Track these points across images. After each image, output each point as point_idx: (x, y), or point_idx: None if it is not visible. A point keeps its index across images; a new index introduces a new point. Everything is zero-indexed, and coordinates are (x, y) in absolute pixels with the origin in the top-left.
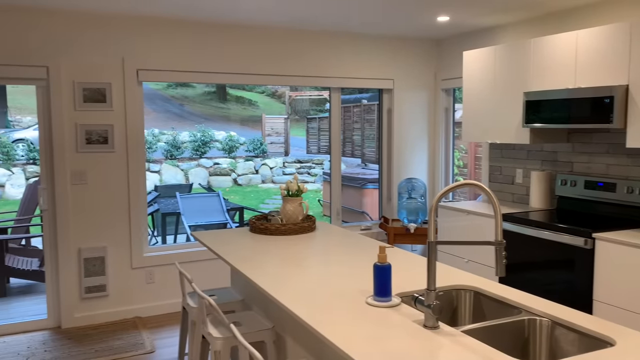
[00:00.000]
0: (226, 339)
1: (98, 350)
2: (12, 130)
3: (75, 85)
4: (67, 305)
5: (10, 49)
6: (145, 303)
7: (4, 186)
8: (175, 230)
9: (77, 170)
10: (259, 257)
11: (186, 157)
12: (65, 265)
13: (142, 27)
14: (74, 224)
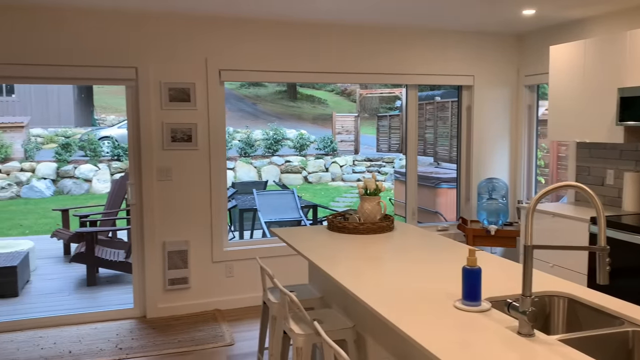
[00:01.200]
0: (308, 335)
1: (181, 341)
2: (98, 128)
3: (162, 86)
4: (152, 296)
5: (102, 51)
6: (224, 296)
7: (91, 181)
8: (251, 226)
9: (162, 167)
10: (339, 255)
11: (259, 154)
12: (150, 258)
13: (224, 28)
14: (159, 218)
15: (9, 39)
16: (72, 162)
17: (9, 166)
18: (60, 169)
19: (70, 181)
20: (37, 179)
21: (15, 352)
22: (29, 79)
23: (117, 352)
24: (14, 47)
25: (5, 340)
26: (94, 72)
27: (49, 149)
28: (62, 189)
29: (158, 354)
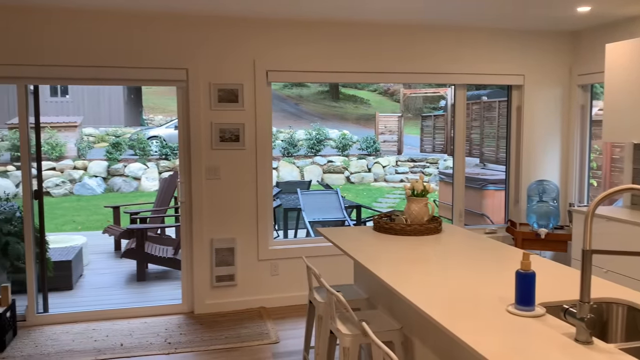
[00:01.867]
0: (355, 336)
1: (227, 337)
2: (147, 128)
3: (211, 87)
4: (200, 292)
5: (155, 53)
6: (269, 294)
7: (140, 179)
8: (295, 225)
9: (211, 166)
10: (386, 256)
11: (302, 154)
12: (199, 255)
13: (271, 30)
14: (207, 216)
15: (64, 42)
16: (122, 160)
17: (63, 164)
18: (111, 167)
19: (120, 179)
20: (89, 177)
21: (71, 343)
22: (85, 80)
23: (167, 347)
24: (69, 49)
25: (61, 331)
26: (146, 74)
27: (100, 147)
28: (112, 186)
29: (205, 349)
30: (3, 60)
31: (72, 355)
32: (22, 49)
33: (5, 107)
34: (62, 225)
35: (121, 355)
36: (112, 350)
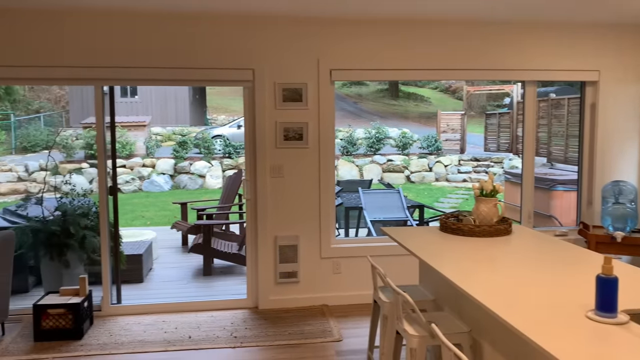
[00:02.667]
0: (422, 337)
1: (291, 334)
2: (211, 127)
3: (276, 86)
4: (264, 288)
5: (222, 54)
6: (332, 292)
7: (205, 177)
8: (357, 224)
9: (275, 165)
10: (454, 257)
11: (361, 153)
12: (263, 251)
13: (335, 28)
14: (272, 214)
15: (137, 44)
16: (188, 158)
17: (133, 162)
18: (177, 165)
19: (186, 176)
20: (157, 174)
21: (142, 333)
22: (156, 81)
23: (233, 340)
24: (141, 52)
25: (134, 322)
26: (214, 75)
27: (167, 146)
28: (178, 183)
29: (270, 344)
30: (81, 62)
31: (143, 345)
32: (98, 51)
33: (79, 108)
34: (132, 220)
35: (190, 347)
36: (181, 342)
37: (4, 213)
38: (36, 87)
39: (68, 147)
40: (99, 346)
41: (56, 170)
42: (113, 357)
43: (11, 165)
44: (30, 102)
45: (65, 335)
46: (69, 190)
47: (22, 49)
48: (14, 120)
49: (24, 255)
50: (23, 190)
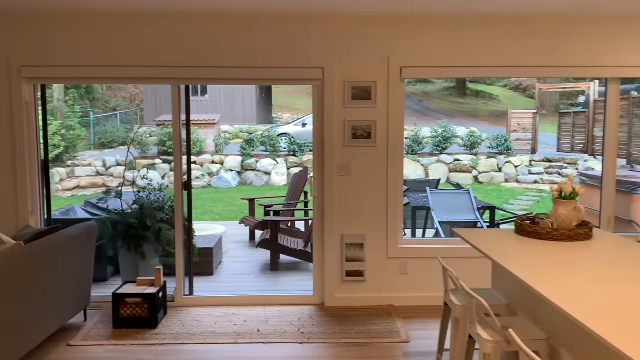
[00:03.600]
0: (497, 342)
1: (357, 332)
2: (276, 126)
3: (345, 85)
4: (330, 286)
5: (292, 53)
6: (398, 293)
7: (270, 174)
8: (424, 224)
9: (343, 163)
10: (531, 261)
11: (427, 152)
12: (330, 249)
13: (405, 26)
14: (339, 212)
15: (210, 44)
16: (255, 156)
17: (203, 158)
18: (244, 162)
19: (252, 173)
20: (225, 171)
21: (213, 325)
22: (229, 80)
23: (300, 336)
24: (214, 52)
25: (205, 313)
26: (285, 73)
27: (235, 144)
28: (245, 180)
29: (337, 342)
30: (160, 62)
31: (214, 336)
32: (175, 52)
33: (153, 107)
34: (201, 215)
35: (258, 341)
36: (250, 335)
37: (86, 205)
38: (113, 86)
39: (142, 143)
40: (172, 335)
41: (132, 166)
42: (186, 346)
43: (90, 160)
44: (108, 101)
45: (141, 323)
46: (146, 185)
47: (103, 50)
48: (93, 117)
49: (103, 246)
50: (101, 184)
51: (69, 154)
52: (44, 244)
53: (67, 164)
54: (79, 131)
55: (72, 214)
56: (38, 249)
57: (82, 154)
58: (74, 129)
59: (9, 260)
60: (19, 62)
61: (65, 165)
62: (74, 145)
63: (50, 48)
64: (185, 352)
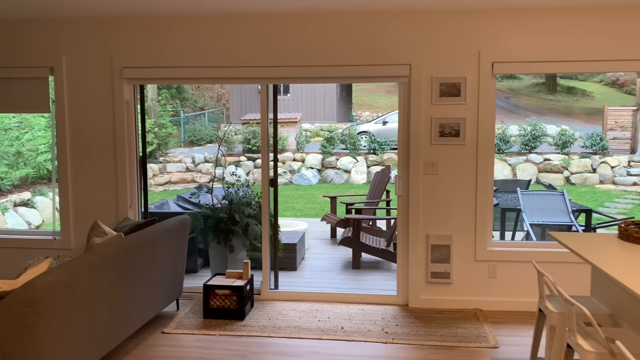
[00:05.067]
0: (600, 354)
1: (443, 335)
2: (357, 124)
3: (433, 81)
4: (415, 287)
5: (379, 50)
6: (486, 296)
7: (350, 172)
8: (514, 226)
9: (429, 161)
10: (638, 269)
11: (514, 151)
12: (414, 249)
13: (495, 19)
14: (424, 211)
15: (298, 44)
16: (335, 154)
17: (285, 156)
18: (325, 160)
19: (332, 171)
20: (306, 168)
21: (298, 320)
22: (315, 79)
23: (384, 336)
24: (302, 51)
25: (289, 308)
26: (370, 71)
27: (316, 142)
28: (325, 178)
29: (422, 343)
30: (250, 62)
31: (299, 331)
32: (264, 52)
33: (238, 106)
34: (283, 211)
35: (342, 338)
36: (334, 332)
37: (178, 200)
38: (202, 86)
39: (229, 141)
40: (259, 328)
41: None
42: (272, 339)
43: (180, 157)
44: (197, 100)
45: (230, 315)
46: (235, 181)
47: (197, 51)
48: (183, 116)
49: (194, 238)
50: (190, 180)
51: (161, 151)
52: (142, 235)
53: (160, 160)
54: (170, 129)
55: (165, 208)
56: (137, 240)
57: (173, 151)
58: (166, 127)
59: (111, 249)
60: (120, 63)
61: (158, 162)
62: (165, 142)
63: (148, 50)
64: (272, 344)
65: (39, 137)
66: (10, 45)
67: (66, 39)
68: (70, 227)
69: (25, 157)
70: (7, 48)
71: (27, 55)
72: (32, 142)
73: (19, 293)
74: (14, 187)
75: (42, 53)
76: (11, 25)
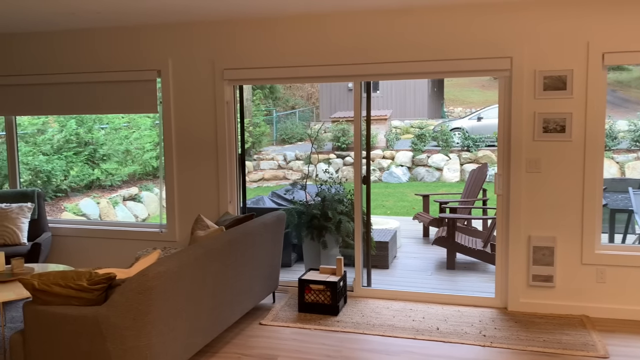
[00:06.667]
0: None
1: (546, 341)
2: (449, 120)
3: (536, 74)
4: (514, 289)
5: (477, 44)
6: (594, 303)
7: (442, 170)
8: (625, 229)
9: (532, 159)
10: None
11: (623, 148)
12: (514, 250)
13: (606, 7)
14: (525, 211)
15: (394, 39)
16: (426, 151)
17: (374, 154)
18: (415, 157)
19: (423, 169)
20: (396, 166)
21: (392, 318)
22: (410, 75)
23: (482, 339)
24: (398, 46)
25: (382, 306)
26: (468, 65)
27: (406, 139)
28: (415, 175)
29: (522, 349)
30: (343, 60)
31: (393, 330)
32: (356, 49)
33: (327, 104)
34: (373, 209)
35: (438, 339)
36: (429, 333)
37: (272, 196)
38: (292, 85)
39: (319, 139)
40: (352, 324)
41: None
42: (366, 336)
43: (273, 155)
44: (288, 99)
45: (324, 310)
46: (327, 179)
47: (292, 51)
48: (275, 115)
49: (288, 234)
50: (282, 177)
51: (255, 149)
52: (243, 229)
53: (254, 157)
54: (263, 128)
55: (261, 204)
56: (238, 234)
57: (265, 149)
58: (260, 126)
59: (214, 242)
60: (221, 65)
61: (252, 159)
62: (259, 140)
63: (247, 52)
64: (366, 341)
65: (145, 136)
66: (122, 50)
67: (172, 43)
68: (175, 221)
69: (133, 154)
70: (119, 53)
71: (137, 59)
72: (139, 140)
73: (133, 281)
74: (123, 182)
75: (151, 56)
76: (123, 31)
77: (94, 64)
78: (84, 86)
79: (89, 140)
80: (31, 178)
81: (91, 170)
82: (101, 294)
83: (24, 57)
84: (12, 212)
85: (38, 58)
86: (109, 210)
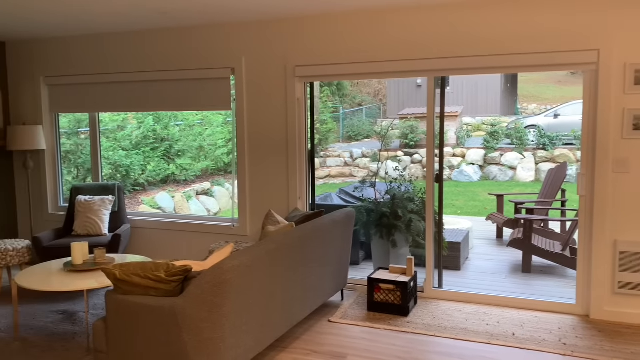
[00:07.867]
0: None
1: (634, 353)
2: (524, 117)
3: (627, 68)
4: (597, 297)
5: (557, 36)
6: None
7: (516, 169)
8: None
9: (620, 158)
10: None
11: None
12: (598, 255)
13: None
14: (611, 214)
15: (463, 34)
16: (499, 149)
17: (444, 151)
18: (487, 155)
19: (495, 168)
20: (467, 164)
21: (464, 322)
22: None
23: (562, 347)
24: (468, 41)
25: (454, 309)
26: (549, 59)
27: (477, 136)
28: (487, 174)
29: None
30: (416, 55)
31: (466, 333)
32: (430, 44)
33: (395, 101)
34: (443, 208)
35: (514, 345)
36: (505, 338)
37: (340, 193)
38: (360, 82)
39: (386, 136)
40: (423, 326)
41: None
42: (437, 339)
43: (339, 152)
44: (355, 96)
45: (393, 310)
46: (397, 176)
47: (362, 47)
48: (342, 112)
49: (357, 231)
50: (348, 174)
51: (322, 146)
52: (313, 225)
53: (320, 154)
54: (330, 125)
55: (329, 200)
56: (308, 230)
57: (332, 146)
58: (327, 123)
59: (285, 238)
60: (293, 62)
61: (319, 156)
62: (326, 137)
63: (318, 49)
64: (437, 344)
65: (217, 133)
66: (197, 49)
67: (245, 41)
68: (246, 215)
69: (206, 150)
70: (194, 52)
71: (212, 57)
72: (211, 137)
73: (209, 274)
74: (196, 177)
75: (225, 55)
76: (198, 30)
77: (170, 62)
78: (161, 84)
79: (165, 137)
80: (111, 172)
81: (167, 165)
82: (178, 286)
83: (108, 56)
84: (95, 205)
85: (119, 57)
86: (183, 204)
